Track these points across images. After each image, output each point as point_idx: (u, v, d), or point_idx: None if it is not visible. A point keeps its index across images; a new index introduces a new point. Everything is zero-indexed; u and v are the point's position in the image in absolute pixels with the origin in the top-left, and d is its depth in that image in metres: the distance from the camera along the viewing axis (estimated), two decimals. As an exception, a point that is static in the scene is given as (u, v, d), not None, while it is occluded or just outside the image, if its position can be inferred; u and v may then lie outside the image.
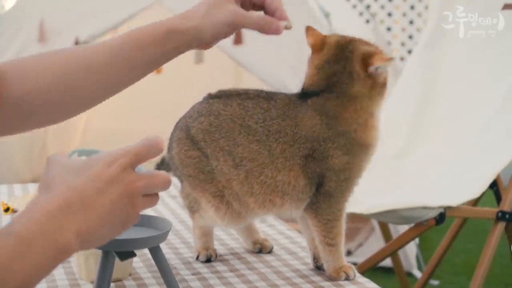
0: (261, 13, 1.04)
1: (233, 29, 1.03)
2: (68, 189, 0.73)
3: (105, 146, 4.54)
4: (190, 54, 4.55)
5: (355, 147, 1.12)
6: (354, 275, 1.18)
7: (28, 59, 1.05)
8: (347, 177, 1.14)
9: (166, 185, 0.79)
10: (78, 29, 3.66)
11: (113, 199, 0.74)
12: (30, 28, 3.75)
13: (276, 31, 1.01)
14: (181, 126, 1.22)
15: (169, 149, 1.25)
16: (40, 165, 4.44)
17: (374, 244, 3.29)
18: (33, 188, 1.77)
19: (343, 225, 1.18)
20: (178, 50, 1.05)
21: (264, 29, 1.02)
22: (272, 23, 1.01)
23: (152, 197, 0.79)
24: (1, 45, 3.79)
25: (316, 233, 1.18)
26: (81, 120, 4.93)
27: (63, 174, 0.75)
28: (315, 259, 1.23)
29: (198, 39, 1.03)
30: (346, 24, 3.87)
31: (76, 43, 3.62)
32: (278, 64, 3.21)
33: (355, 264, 2.40)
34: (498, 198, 2.37)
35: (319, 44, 1.13)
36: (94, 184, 0.74)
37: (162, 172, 0.79)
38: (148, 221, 1.11)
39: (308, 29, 1.15)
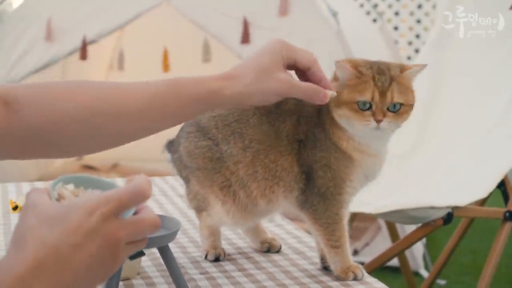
0: (308, 83, 1.04)
1: (280, 98, 1.03)
2: (42, 246, 0.67)
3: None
4: (197, 53, 4.56)
5: (332, 147, 1.13)
6: (362, 275, 1.18)
7: (55, 86, 1.00)
8: (333, 177, 1.14)
9: (153, 229, 0.73)
10: (85, 28, 3.67)
11: (92, 254, 0.69)
12: (37, 26, 3.76)
13: (323, 100, 1.03)
14: (189, 122, 1.24)
15: (176, 150, 1.27)
16: (47, 164, 4.46)
17: (381, 243, 3.29)
18: (41, 186, 1.78)
19: (345, 227, 1.18)
20: (218, 108, 1.06)
21: (312, 99, 1.03)
22: (320, 92, 1.03)
23: (137, 243, 0.73)
24: (9, 43, 3.81)
25: (319, 237, 1.19)
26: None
27: (37, 226, 0.68)
28: (323, 259, 1.23)
29: (242, 103, 1.02)
30: (354, 23, 3.87)
31: (84, 41, 3.63)
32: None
33: (362, 263, 2.41)
34: (506, 198, 2.37)
35: None
36: (71, 238, 0.68)
37: (149, 215, 0.73)
38: (157, 221, 1.11)
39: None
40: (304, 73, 1.05)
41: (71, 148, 1.03)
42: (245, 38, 3.23)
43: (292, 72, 1.05)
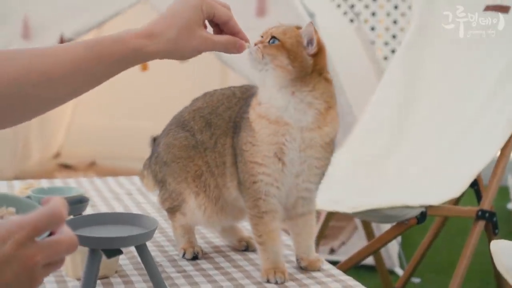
0: (226, 36, 1.08)
1: (201, 53, 1.06)
2: None
3: (89, 142, 4.55)
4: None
5: (246, 125, 1.16)
6: (284, 280, 1.17)
7: None
8: (244, 161, 1.15)
9: (71, 249, 0.72)
10: (63, 26, 3.65)
11: (8, 280, 0.67)
12: (14, 23, 3.74)
13: (240, 50, 1.09)
14: (171, 121, 1.30)
15: (153, 152, 1.31)
16: (23, 162, 4.43)
17: (357, 242, 3.32)
18: (18, 185, 1.78)
19: (271, 225, 1.17)
20: (140, 63, 1.06)
21: (230, 51, 1.08)
22: (236, 43, 1.08)
23: (55, 264, 0.72)
24: (-15, 41, 3.77)
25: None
26: (65, 116, 4.92)
27: None
28: (298, 260, 1.25)
29: (166, 58, 1.05)
30: (330, 23, 3.90)
31: (61, 39, 3.61)
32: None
33: (337, 262, 2.44)
34: (479, 197, 2.41)
35: None
36: None
37: (66, 236, 0.72)
38: (134, 219, 1.12)
39: None
40: (219, 25, 1.09)
41: (4, 121, 1.03)
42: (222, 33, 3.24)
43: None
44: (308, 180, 1.17)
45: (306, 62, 1.11)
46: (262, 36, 1.15)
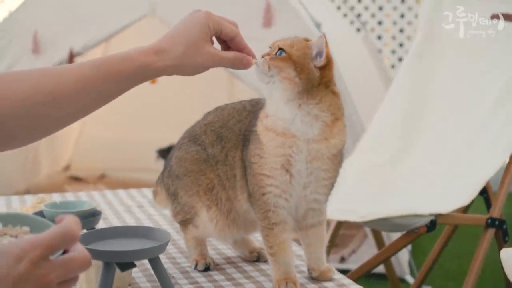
0: (233, 52, 1.10)
1: (208, 69, 1.08)
2: None
3: (99, 154, 4.55)
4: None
5: (254, 138, 1.18)
6: None
7: None
8: (253, 173, 1.17)
9: (84, 267, 0.73)
10: (72, 40, 3.68)
11: None
12: (23, 39, 3.77)
13: (247, 65, 1.10)
14: (184, 135, 1.32)
15: (166, 166, 1.32)
16: (33, 175, 4.46)
17: (367, 250, 3.32)
18: (30, 199, 1.80)
19: (281, 236, 1.18)
20: (148, 80, 1.07)
21: (237, 66, 1.10)
22: (243, 59, 1.09)
23: (69, 282, 0.73)
24: (-6, 57, 3.81)
25: None
26: (74, 129, 4.95)
27: None
28: (309, 270, 1.26)
29: (174, 74, 1.07)
30: (337, 33, 3.91)
31: (70, 54, 3.64)
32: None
33: (347, 271, 2.44)
34: (488, 205, 2.41)
35: None
36: (2, 286, 0.68)
37: (80, 254, 0.73)
38: (147, 233, 1.14)
39: None
40: (226, 42, 1.10)
41: (15, 142, 1.04)
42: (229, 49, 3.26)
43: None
44: (316, 192, 1.18)
45: (313, 75, 1.12)
46: (270, 48, 1.16)
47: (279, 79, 1.12)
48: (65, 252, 0.73)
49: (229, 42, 1.10)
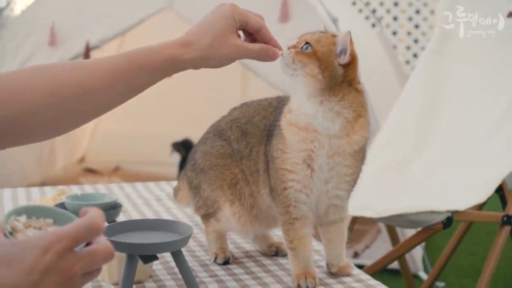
0: (259, 44, 1.10)
1: (234, 61, 1.09)
2: (1, 286, 0.69)
3: (113, 147, 4.59)
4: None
5: (278, 134, 1.19)
6: (315, 285, 1.19)
7: (16, 77, 1.00)
8: (275, 168, 1.18)
9: (108, 259, 0.75)
10: (88, 33, 3.71)
11: None
12: (41, 31, 3.80)
13: (273, 57, 1.11)
14: (209, 129, 1.33)
15: (190, 159, 1.33)
16: (49, 168, 4.49)
17: (381, 246, 3.33)
18: (50, 191, 1.82)
19: (301, 231, 1.19)
20: (177, 72, 1.08)
21: (263, 58, 1.10)
22: (269, 50, 1.10)
23: (93, 273, 0.75)
24: (13, 48, 3.84)
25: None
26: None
27: None
28: (328, 265, 1.27)
29: (201, 67, 1.08)
30: (353, 28, 3.91)
31: (87, 47, 3.67)
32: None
33: (361, 266, 2.45)
34: (504, 203, 2.41)
35: None
36: (28, 278, 0.69)
37: (103, 246, 0.74)
38: (169, 226, 1.15)
39: None
40: (252, 34, 1.11)
41: (44, 134, 1.04)
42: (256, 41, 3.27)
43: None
44: (338, 187, 1.18)
45: (336, 72, 1.12)
46: (298, 39, 1.16)
47: (303, 74, 1.13)
48: (88, 244, 0.75)
49: (255, 34, 1.10)
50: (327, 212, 1.22)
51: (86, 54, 3.70)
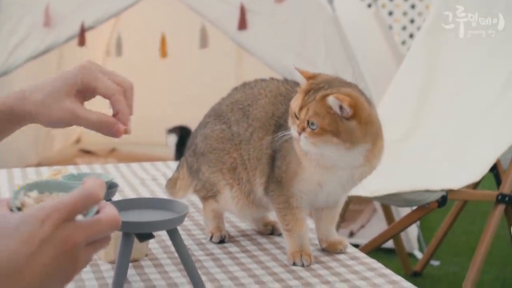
0: (99, 115, 1.02)
1: (71, 125, 1.02)
2: None
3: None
4: (195, 39, 4.59)
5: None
6: (310, 263, 1.21)
7: None
8: (286, 170, 1.19)
9: (113, 228, 0.72)
10: (83, 14, 3.69)
11: (46, 263, 0.68)
12: (35, 12, 3.78)
13: (116, 135, 1.02)
14: (209, 112, 1.33)
15: (190, 144, 1.34)
16: (46, 149, 4.49)
17: (376, 225, 3.35)
18: (46, 171, 1.82)
19: (298, 215, 1.22)
20: (18, 124, 1.04)
21: (104, 132, 1.02)
22: (112, 126, 1.02)
23: (100, 242, 0.73)
24: (7, 30, 3.82)
25: (277, 219, 1.25)
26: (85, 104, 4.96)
27: None
28: (319, 241, 1.29)
29: (37, 122, 1.02)
30: (349, 8, 3.90)
31: (82, 28, 3.65)
32: (282, 49, 3.25)
33: (356, 245, 2.46)
34: (498, 181, 2.43)
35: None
36: (25, 249, 0.67)
37: (108, 215, 0.73)
38: (165, 204, 1.16)
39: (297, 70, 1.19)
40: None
41: None
42: (242, 24, 3.25)
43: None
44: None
45: (349, 128, 1.09)
46: (296, 116, 1.12)
47: (328, 148, 1.10)
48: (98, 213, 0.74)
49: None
50: (325, 205, 1.26)
51: (81, 35, 3.69)
